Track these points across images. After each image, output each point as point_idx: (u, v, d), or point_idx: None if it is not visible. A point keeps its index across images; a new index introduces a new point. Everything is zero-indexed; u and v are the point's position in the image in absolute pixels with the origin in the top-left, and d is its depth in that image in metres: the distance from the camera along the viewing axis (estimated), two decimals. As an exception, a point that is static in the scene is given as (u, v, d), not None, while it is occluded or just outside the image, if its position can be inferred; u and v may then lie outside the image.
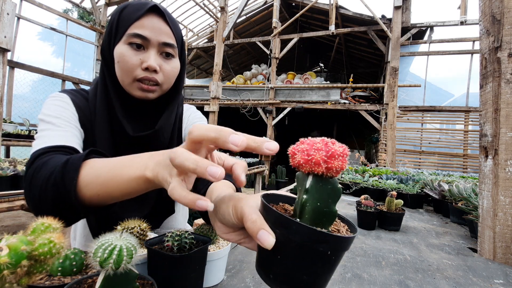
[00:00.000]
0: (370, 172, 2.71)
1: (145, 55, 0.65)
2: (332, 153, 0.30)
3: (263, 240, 0.30)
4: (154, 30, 0.65)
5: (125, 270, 0.38)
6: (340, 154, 0.31)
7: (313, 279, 0.31)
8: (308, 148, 0.31)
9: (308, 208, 0.31)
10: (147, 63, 0.65)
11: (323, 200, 0.32)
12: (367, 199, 1.33)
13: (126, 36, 0.64)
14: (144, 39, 0.65)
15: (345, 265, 0.82)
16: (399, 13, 6.91)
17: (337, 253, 0.31)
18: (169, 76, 0.70)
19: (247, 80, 10.25)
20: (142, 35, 0.64)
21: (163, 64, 0.68)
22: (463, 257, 0.98)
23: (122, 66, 0.65)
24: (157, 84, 0.68)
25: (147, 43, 0.65)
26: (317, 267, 0.30)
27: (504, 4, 0.95)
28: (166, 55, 0.69)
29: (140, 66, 0.65)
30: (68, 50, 7.02)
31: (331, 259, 0.30)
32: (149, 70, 0.65)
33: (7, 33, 2.77)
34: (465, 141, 6.75)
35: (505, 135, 0.94)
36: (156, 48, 0.66)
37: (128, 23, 0.65)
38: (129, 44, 0.65)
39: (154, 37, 0.65)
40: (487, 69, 1.01)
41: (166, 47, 0.68)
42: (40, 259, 0.37)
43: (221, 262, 0.66)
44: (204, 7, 8.69)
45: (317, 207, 0.32)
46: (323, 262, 0.30)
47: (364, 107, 7.43)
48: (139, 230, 0.59)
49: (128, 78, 0.66)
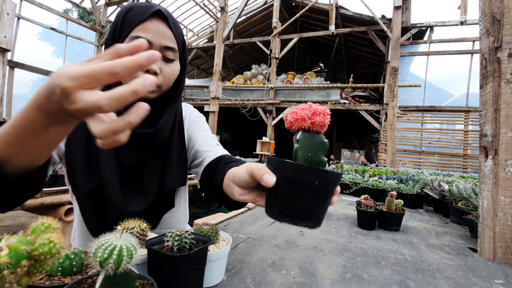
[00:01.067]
0: (370, 172, 2.71)
1: None
2: (314, 111, 0.39)
3: (267, 180, 0.38)
4: (157, 34, 0.67)
5: (125, 270, 0.38)
6: (321, 111, 0.40)
7: (306, 208, 0.38)
8: (296, 110, 0.40)
9: (300, 157, 0.40)
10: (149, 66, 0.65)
11: (313, 152, 0.40)
12: (367, 199, 1.33)
13: (129, 39, 0.66)
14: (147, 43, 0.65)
15: (345, 265, 0.82)
16: (399, 13, 6.91)
17: (324, 185, 0.37)
18: (168, 78, 0.71)
19: (247, 80, 10.26)
20: (145, 38, 0.65)
21: (164, 67, 0.69)
22: (463, 257, 0.98)
23: None
24: (157, 86, 0.69)
25: (150, 47, 0.66)
26: (308, 197, 0.38)
27: (504, 4, 0.95)
28: (167, 58, 0.70)
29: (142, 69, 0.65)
30: (68, 50, 7.02)
31: (320, 190, 0.37)
32: (150, 72, 0.66)
33: (7, 33, 2.77)
34: (465, 141, 6.76)
35: (505, 135, 0.94)
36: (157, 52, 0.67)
37: (132, 25, 0.66)
38: None
39: (156, 41, 0.67)
40: (487, 69, 1.01)
41: (168, 51, 0.69)
42: (40, 259, 0.37)
43: (221, 262, 0.66)
44: (204, 7, 8.70)
45: (309, 157, 0.40)
46: (313, 193, 0.37)
47: (364, 107, 7.43)
48: (139, 230, 0.59)
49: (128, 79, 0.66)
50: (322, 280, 0.71)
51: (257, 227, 1.16)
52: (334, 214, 1.50)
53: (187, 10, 9.76)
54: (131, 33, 0.66)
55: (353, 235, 1.14)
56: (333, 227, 1.25)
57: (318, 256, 0.88)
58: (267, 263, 0.79)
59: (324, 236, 1.10)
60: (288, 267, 0.78)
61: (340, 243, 1.03)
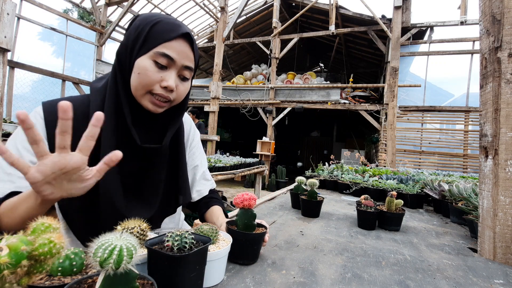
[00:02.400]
0: (370, 172, 2.71)
1: (166, 74, 0.69)
2: (244, 199, 0.77)
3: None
4: (181, 54, 0.70)
5: (125, 270, 0.38)
6: (247, 198, 0.77)
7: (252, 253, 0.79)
8: (239, 197, 0.79)
9: (239, 223, 0.78)
10: (167, 83, 0.69)
11: (247, 219, 0.78)
12: (367, 199, 1.33)
13: (154, 53, 0.67)
14: (170, 60, 0.68)
15: (345, 265, 0.82)
16: (399, 13, 6.91)
17: (255, 240, 0.77)
18: (181, 95, 0.75)
19: (247, 80, 10.25)
20: (170, 56, 0.68)
21: (179, 84, 0.73)
22: (463, 257, 0.98)
23: (143, 78, 0.68)
24: (169, 101, 0.72)
25: (171, 64, 0.69)
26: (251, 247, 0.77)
27: (504, 4, 0.95)
28: (184, 77, 0.73)
29: (160, 83, 0.69)
30: (68, 50, 7.02)
31: (255, 242, 0.78)
32: (167, 89, 0.69)
33: (7, 33, 2.77)
34: (465, 141, 6.75)
35: (505, 135, 0.94)
36: (177, 70, 0.71)
37: (158, 41, 0.67)
38: (155, 61, 0.68)
39: (179, 60, 0.70)
40: (487, 69, 1.01)
41: (186, 70, 0.72)
42: (40, 259, 0.37)
43: (221, 262, 0.66)
44: (204, 7, 8.69)
45: (245, 223, 0.77)
46: (252, 244, 0.77)
47: (364, 107, 7.43)
48: (139, 230, 0.59)
49: (143, 90, 0.69)
50: (322, 280, 0.71)
51: (257, 227, 1.16)
52: (334, 214, 1.50)
53: (187, 10, 9.75)
54: (156, 48, 0.67)
55: (353, 235, 1.14)
56: (333, 227, 1.25)
57: (318, 256, 0.88)
58: (267, 263, 0.79)
59: (324, 236, 1.10)
60: (288, 267, 0.78)
61: (340, 243, 1.03)
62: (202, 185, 1.00)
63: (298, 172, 10.78)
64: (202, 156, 1.02)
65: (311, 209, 1.41)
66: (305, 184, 1.53)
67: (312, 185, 1.40)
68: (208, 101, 7.18)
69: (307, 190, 1.43)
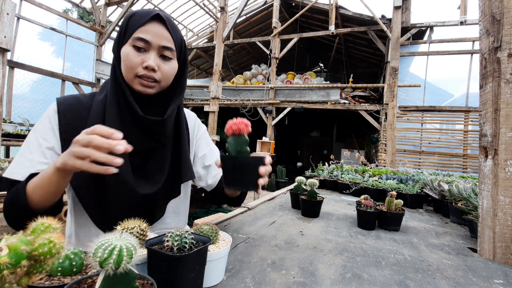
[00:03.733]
0: (370, 172, 2.71)
1: (146, 56, 0.76)
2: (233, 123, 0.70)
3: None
4: (156, 35, 0.76)
5: (125, 270, 0.38)
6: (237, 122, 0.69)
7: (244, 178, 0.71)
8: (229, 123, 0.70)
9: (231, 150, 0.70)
10: (147, 63, 0.75)
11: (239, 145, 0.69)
12: (367, 199, 1.33)
13: (132, 39, 0.76)
14: (146, 43, 0.75)
15: (345, 265, 0.82)
16: (399, 13, 6.91)
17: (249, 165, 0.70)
18: (166, 75, 0.80)
19: (247, 80, 10.25)
20: (145, 39, 0.75)
21: (161, 64, 0.79)
22: (463, 257, 0.98)
23: (127, 63, 0.76)
24: (155, 81, 0.78)
25: (149, 46, 0.76)
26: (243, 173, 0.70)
27: (504, 4, 0.95)
28: (164, 57, 0.79)
29: (141, 65, 0.76)
30: (68, 50, 7.02)
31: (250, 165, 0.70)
32: (148, 69, 0.76)
33: (7, 33, 2.77)
34: (465, 141, 6.75)
35: (505, 135, 0.94)
36: (156, 51, 0.77)
37: (134, 28, 0.76)
38: (134, 46, 0.76)
39: (155, 41, 0.76)
40: (487, 69, 1.01)
41: (165, 50, 0.78)
42: (40, 259, 0.37)
43: (221, 262, 0.66)
44: (204, 7, 8.70)
45: (237, 150, 0.69)
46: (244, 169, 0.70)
47: (364, 107, 7.43)
48: (139, 230, 0.59)
49: (131, 74, 0.77)
50: (322, 280, 0.71)
51: (257, 227, 1.16)
52: (334, 214, 1.50)
53: (187, 10, 9.75)
54: (133, 34, 0.75)
55: (353, 235, 1.14)
56: (333, 227, 1.25)
57: (318, 256, 0.88)
58: (267, 263, 0.79)
59: (324, 236, 1.10)
60: (288, 267, 0.78)
61: (340, 243, 1.03)
62: (216, 170, 1.03)
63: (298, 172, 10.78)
64: (210, 146, 1.07)
65: (311, 209, 1.41)
66: (305, 184, 1.53)
67: (312, 185, 1.40)
68: (208, 101, 7.17)
69: (307, 190, 1.43)
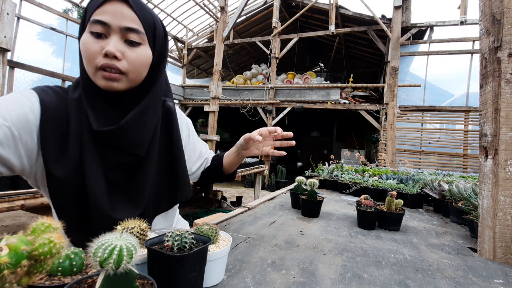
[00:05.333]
0: (370, 172, 2.71)
1: (106, 42, 0.62)
2: None
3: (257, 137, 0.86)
4: (115, 15, 0.62)
5: (125, 270, 0.38)
6: None
7: None
8: None
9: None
10: (106, 49, 0.61)
11: None
12: (367, 199, 1.33)
13: (89, 25, 0.62)
14: (104, 25, 0.61)
15: (345, 265, 0.82)
16: (399, 13, 6.91)
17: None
18: (134, 64, 0.65)
19: (247, 80, 10.25)
20: (102, 20, 0.61)
21: (127, 50, 0.64)
22: (463, 257, 0.98)
23: (84, 54, 0.63)
24: (121, 73, 0.64)
25: (108, 30, 0.62)
26: None
27: (504, 4, 0.95)
28: (130, 41, 0.64)
29: (101, 54, 0.62)
30: (68, 50, 7.02)
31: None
32: (109, 56, 0.62)
33: (7, 33, 2.77)
34: (465, 141, 6.75)
35: (505, 135, 0.94)
36: (118, 34, 0.63)
37: (91, 11, 0.62)
38: (91, 32, 0.62)
39: (114, 22, 0.62)
40: (487, 69, 1.01)
41: (130, 33, 0.63)
42: (40, 259, 0.37)
43: (221, 262, 0.66)
44: (204, 7, 8.70)
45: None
46: None
47: (364, 107, 7.43)
48: (139, 230, 0.59)
49: (91, 67, 0.63)
50: (322, 280, 0.71)
51: (257, 227, 1.16)
52: (334, 214, 1.50)
53: (187, 10, 9.75)
54: (91, 18, 0.62)
55: (353, 235, 1.14)
56: (333, 227, 1.25)
57: (318, 256, 0.88)
58: (267, 263, 0.79)
59: (324, 236, 1.10)
60: (288, 267, 0.78)
61: (340, 243, 1.03)
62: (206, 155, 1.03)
63: (298, 172, 10.78)
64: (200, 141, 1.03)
65: (311, 209, 1.41)
66: (305, 184, 1.53)
67: (312, 185, 1.40)
68: (208, 101, 7.17)
69: (307, 190, 1.43)
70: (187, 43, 10.75)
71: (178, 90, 9.90)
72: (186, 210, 4.27)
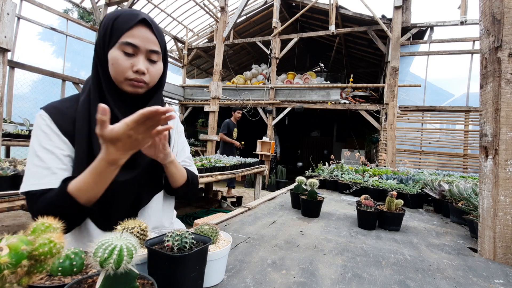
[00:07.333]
0: (370, 172, 2.71)
1: (135, 60, 0.79)
2: None
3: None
4: (143, 40, 0.78)
5: (125, 270, 0.38)
6: None
7: None
8: None
9: None
10: (137, 67, 0.78)
11: None
12: (367, 199, 1.33)
13: (119, 44, 0.77)
14: (134, 47, 0.78)
15: (345, 265, 0.82)
16: (399, 13, 6.91)
17: None
18: (154, 77, 0.84)
19: (247, 80, 10.24)
20: (134, 44, 0.77)
21: (150, 67, 0.82)
22: (463, 257, 0.98)
23: (116, 68, 0.78)
24: (144, 83, 0.82)
25: (137, 50, 0.78)
26: None
27: (504, 4, 0.95)
28: (152, 60, 0.82)
29: (131, 69, 0.78)
30: (68, 50, 7.01)
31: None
32: (138, 72, 0.79)
33: (7, 33, 2.77)
34: (465, 141, 6.75)
35: (505, 135, 0.94)
36: (144, 55, 0.80)
37: (120, 32, 0.77)
38: (122, 50, 0.77)
39: (143, 46, 0.79)
40: (487, 69, 1.01)
41: (152, 54, 0.81)
42: (40, 259, 0.37)
43: (221, 262, 0.66)
44: (204, 7, 8.69)
45: None
46: None
47: (364, 107, 7.43)
48: (139, 230, 0.59)
49: (121, 77, 0.79)
50: (322, 280, 0.71)
51: (257, 227, 1.16)
52: (334, 214, 1.50)
53: (187, 10, 9.74)
54: (120, 39, 0.76)
55: (353, 235, 1.14)
56: (333, 227, 1.25)
57: (318, 256, 0.88)
58: (267, 263, 0.79)
59: (324, 236, 1.10)
60: (288, 267, 0.78)
61: (340, 243, 1.03)
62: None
63: (298, 172, 10.77)
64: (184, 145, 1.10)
65: (311, 209, 1.41)
66: (305, 184, 1.53)
67: (312, 185, 1.40)
68: (208, 101, 7.17)
69: (307, 190, 1.43)
70: (187, 43, 10.75)
71: (178, 90, 9.89)
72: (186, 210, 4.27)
